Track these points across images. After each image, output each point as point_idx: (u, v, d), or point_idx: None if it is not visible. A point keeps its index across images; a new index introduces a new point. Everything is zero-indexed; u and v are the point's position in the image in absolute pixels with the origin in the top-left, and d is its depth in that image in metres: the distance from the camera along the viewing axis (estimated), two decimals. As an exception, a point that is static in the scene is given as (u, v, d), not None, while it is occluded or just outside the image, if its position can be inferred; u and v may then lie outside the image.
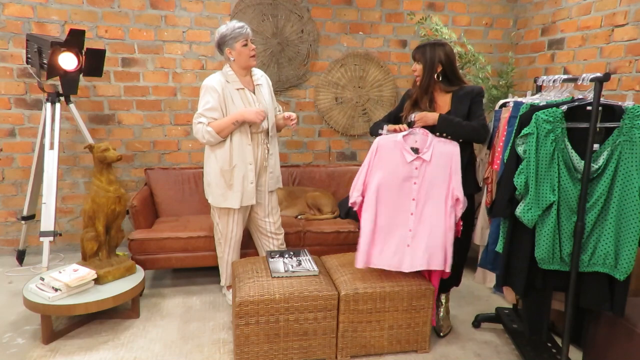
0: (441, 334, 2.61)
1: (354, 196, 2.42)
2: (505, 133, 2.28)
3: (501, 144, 2.31)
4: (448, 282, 2.59)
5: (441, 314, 2.66)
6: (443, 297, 2.68)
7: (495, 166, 2.35)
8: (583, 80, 1.99)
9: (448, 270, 2.37)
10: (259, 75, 2.76)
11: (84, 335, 2.54)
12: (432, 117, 2.34)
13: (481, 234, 3.04)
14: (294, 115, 2.75)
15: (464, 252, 2.58)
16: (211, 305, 2.92)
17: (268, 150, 2.74)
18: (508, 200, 2.08)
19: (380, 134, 2.40)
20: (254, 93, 2.68)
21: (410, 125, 2.38)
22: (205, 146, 2.71)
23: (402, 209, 2.36)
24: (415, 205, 2.35)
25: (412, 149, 2.32)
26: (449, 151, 2.31)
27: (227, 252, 2.84)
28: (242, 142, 2.62)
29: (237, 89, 2.61)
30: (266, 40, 3.73)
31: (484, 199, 2.92)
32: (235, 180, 2.64)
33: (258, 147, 2.69)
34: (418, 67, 2.39)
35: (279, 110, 2.87)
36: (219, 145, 2.62)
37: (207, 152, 2.70)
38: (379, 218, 2.37)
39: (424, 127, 2.33)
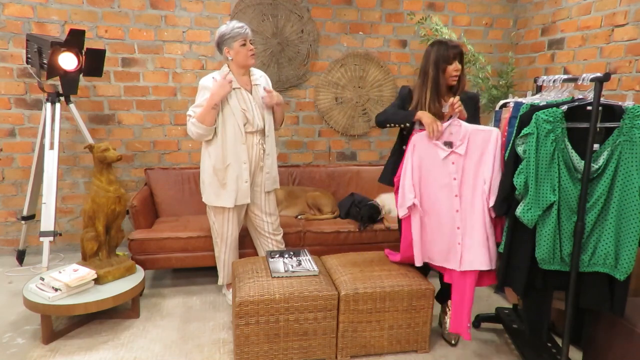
0: (452, 341, 2.53)
1: (409, 198, 2.27)
2: (506, 134, 2.28)
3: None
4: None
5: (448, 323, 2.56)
6: (450, 304, 2.62)
7: None
8: (583, 80, 1.98)
9: (492, 266, 2.21)
10: (258, 76, 2.75)
11: (84, 335, 2.54)
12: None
13: None
14: (273, 93, 2.65)
15: None
16: (211, 305, 2.92)
17: (264, 150, 2.74)
18: (503, 199, 2.08)
19: (415, 130, 2.31)
20: (250, 93, 2.67)
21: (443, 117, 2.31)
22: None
23: (446, 207, 2.27)
24: (459, 202, 2.25)
25: (446, 143, 2.24)
26: (484, 139, 2.18)
27: (224, 252, 2.84)
28: (236, 141, 2.62)
29: (233, 89, 2.60)
30: (266, 40, 3.73)
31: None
32: (229, 180, 2.64)
33: (253, 147, 2.69)
34: (459, 67, 2.40)
35: None
36: (213, 143, 2.63)
37: (203, 150, 2.71)
38: (425, 217, 2.31)
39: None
